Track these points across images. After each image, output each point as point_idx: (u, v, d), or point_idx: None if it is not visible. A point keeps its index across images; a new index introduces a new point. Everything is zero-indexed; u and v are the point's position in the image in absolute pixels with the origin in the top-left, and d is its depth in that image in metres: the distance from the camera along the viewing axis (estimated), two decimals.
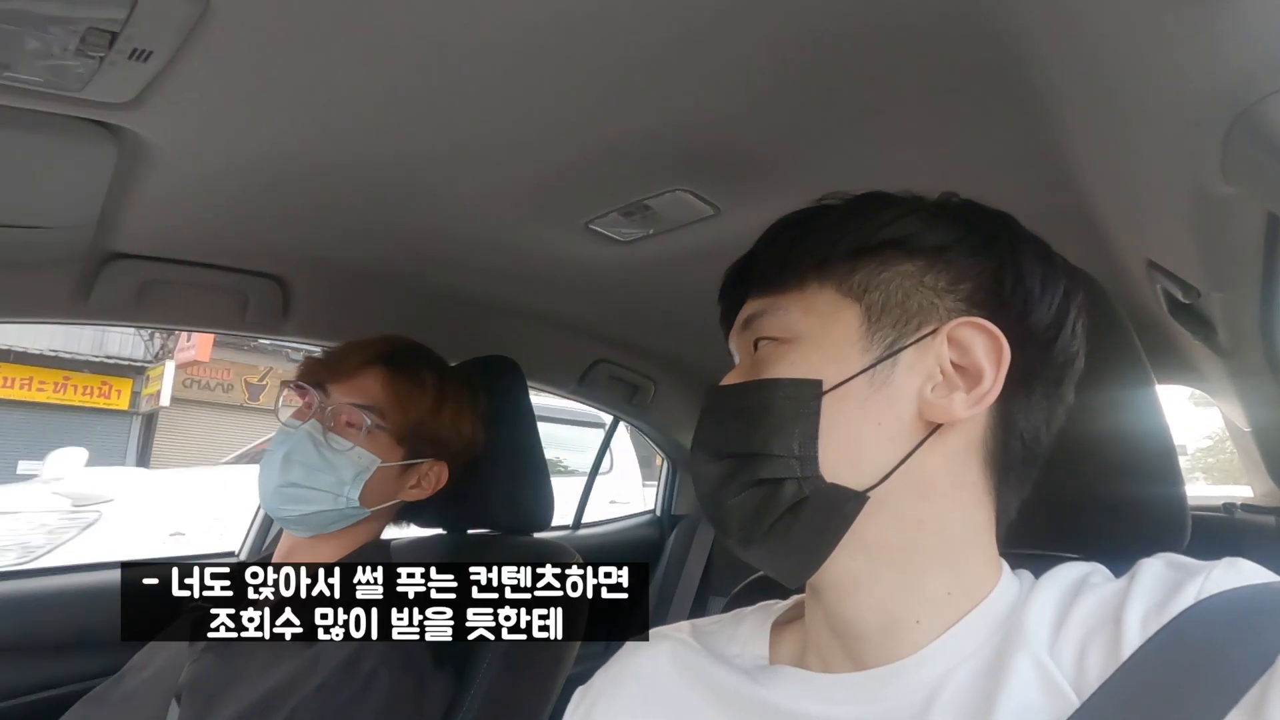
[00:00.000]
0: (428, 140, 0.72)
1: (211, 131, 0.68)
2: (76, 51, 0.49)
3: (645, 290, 1.18)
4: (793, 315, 0.44)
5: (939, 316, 0.43)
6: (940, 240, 0.44)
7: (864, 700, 0.40)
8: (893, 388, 0.41)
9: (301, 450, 0.77)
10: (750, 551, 0.44)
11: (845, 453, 0.41)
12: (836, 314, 0.43)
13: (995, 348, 0.41)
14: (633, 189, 0.84)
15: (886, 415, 0.41)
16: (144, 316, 1.02)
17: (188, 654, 0.76)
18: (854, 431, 0.41)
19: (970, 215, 0.46)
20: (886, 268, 0.43)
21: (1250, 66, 0.42)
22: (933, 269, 0.43)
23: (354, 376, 0.82)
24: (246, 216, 0.89)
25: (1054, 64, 0.56)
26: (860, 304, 0.43)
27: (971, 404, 0.41)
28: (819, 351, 0.42)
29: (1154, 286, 0.82)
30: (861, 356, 0.42)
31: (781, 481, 0.41)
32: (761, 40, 0.57)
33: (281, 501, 0.77)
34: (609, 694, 0.49)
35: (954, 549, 0.42)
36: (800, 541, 0.41)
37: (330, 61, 0.58)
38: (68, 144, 0.64)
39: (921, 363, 0.42)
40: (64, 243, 0.85)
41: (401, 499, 0.85)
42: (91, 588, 1.13)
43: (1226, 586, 0.36)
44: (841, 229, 0.45)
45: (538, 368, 1.39)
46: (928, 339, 0.42)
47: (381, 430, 0.81)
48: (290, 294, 1.07)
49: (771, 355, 0.44)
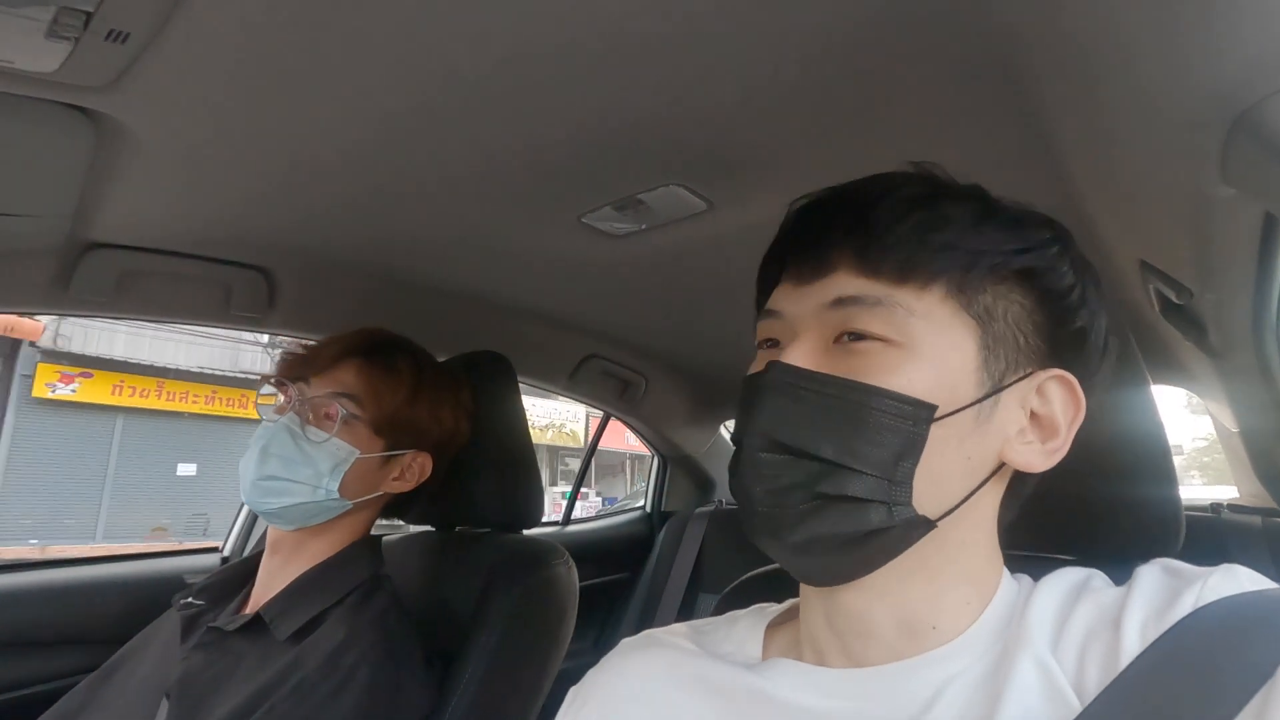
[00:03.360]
0: (417, 131, 0.71)
1: (193, 118, 0.66)
2: (49, 32, 0.48)
3: (638, 285, 1.17)
4: (912, 318, 0.39)
5: (1036, 361, 0.42)
6: (1058, 284, 0.42)
7: (865, 696, 0.40)
8: (991, 425, 0.40)
9: (279, 443, 0.76)
10: (796, 558, 0.41)
11: (935, 483, 0.39)
12: (953, 331, 0.40)
13: (1074, 405, 0.42)
14: (626, 183, 0.83)
15: (976, 451, 0.40)
16: (125, 307, 1.00)
17: (179, 652, 0.75)
18: (947, 463, 0.39)
19: (1078, 261, 0.43)
20: (1010, 297, 0.41)
21: (1249, 68, 0.41)
22: (1042, 309, 0.42)
23: (330, 369, 0.81)
24: (229, 206, 0.87)
25: (1050, 64, 0.55)
26: (981, 329, 0.40)
27: (1047, 456, 0.41)
28: (935, 372, 0.39)
29: (1146, 287, 0.82)
30: (974, 389, 0.40)
31: (869, 504, 0.38)
32: (756, 36, 0.56)
33: (261, 494, 0.76)
34: (601, 693, 0.49)
35: (979, 564, 0.43)
36: (855, 559, 0.40)
37: (316, 47, 0.56)
38: (43, 128, 0.63)
39: (1014, 404, 0.41)
40: (41, 232, 0.83)
41: (385, 491, 0.84)
42: (87, 582, 1.11)
43: (1224, 594, 0.36)
44: (980, 239, 0.41)
45: (529, 363, 1.38)
46: (1025, 381, 0.41)
47: (358, 420, 0.80)
48: (275, 286, 1.05)
49: (876, 357, 0.39)
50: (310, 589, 0.77)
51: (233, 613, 0.79)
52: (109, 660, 0.82)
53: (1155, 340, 1.00)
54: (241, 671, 0.71)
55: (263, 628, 0.74)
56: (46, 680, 1.01)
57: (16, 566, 1.10)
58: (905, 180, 0.44)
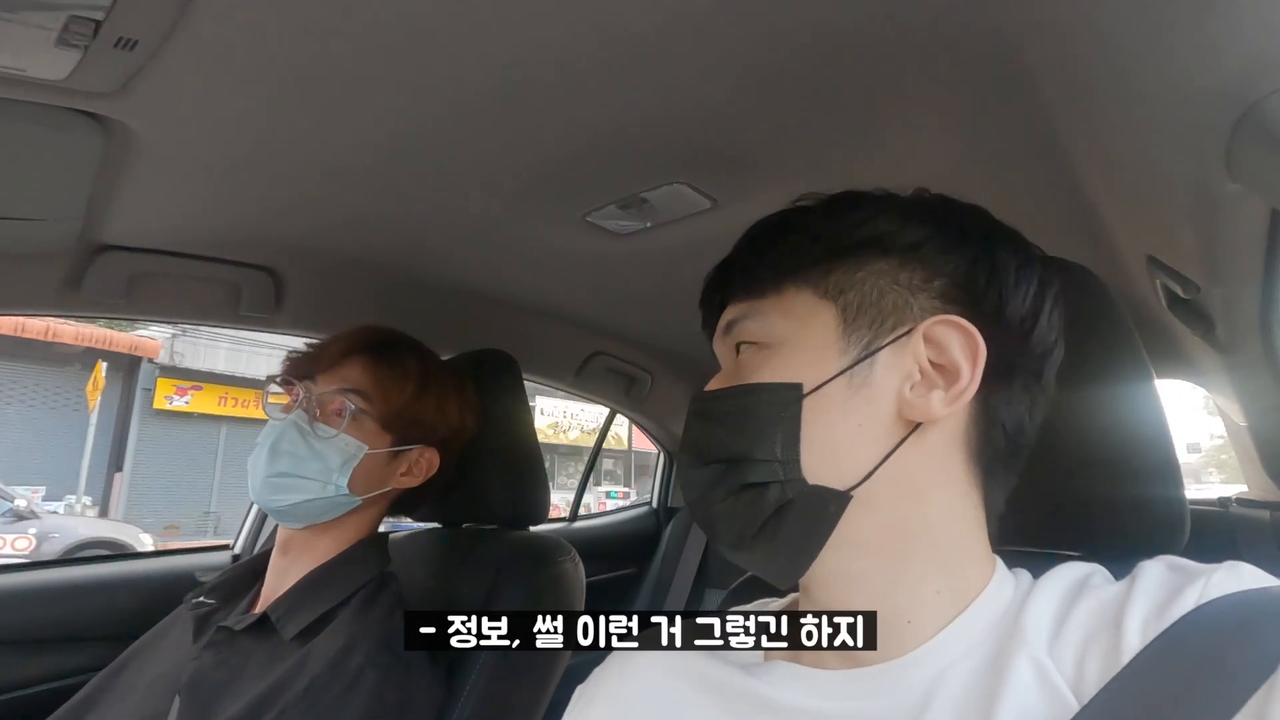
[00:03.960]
0: (423, 132, 0.71)
1: (200, 122, 0.66)
2: (59, 40, 0.48)
3: (642, 283, 1.18)
4: (772, 319, 0.44)
5: (914, 315, 0.43)
6: (913, 238, 0.44)
7: (860, 696, 0.40)
8: (871, 388, 0.42)
9: (288, 440, 0.77)
10: (740, 555, 0.45)
11: (826, 454, 0.41)
12: (814, 316, 0.43)
13: (971, 345, 0.41)
14: (630, 182, 0.83)
15: (866, 415, 0.41)
16: (136, 309, 1.01)
17: (190, 651, 0.76)
18: (835, 433, 0.41)
19: (943, 211, 0.46)
20: (861, 268, 0.44)
21: (1254, 65, 0.41)
22: (906, 267, 0.43)
23: (337, 366, 0.82)
24: (237, 208, 0.88)
25: (1056, 61, 0.55)
26: (836, 305, 0.43)
27: (949, 401, 0.41)
28: (798, 355, 0.43)
29: (1153, 282, 0.81)
30: (839, 358, 0.42)
31: (766, 485, 0.41)
32: (761, 33, 0.56)
33: (271, 492, 0.77)
34: (606, 693, 0.50)
35: (942, 546, 0.42)
36: (787, 544, 0.42)
37: (322, 51, 0.57)
38: (53, 134, 0.63)
39: (899, 362, 0.42)
40: (52, 235, 0.84)
41: (393, 487, 0.84)
42: (101, 579, 1.13)
43: (1227, 591, 0.36)
44: (817, 231, 0.45)
45: (535, 360, 1.38)
46: (904, 338, 0.42)
47: (366, 416, 0.80)
48: (283, 286, 1.06)
49: (753, 360, 0.44)
50: (317, 588, 0.78)
51: (242, 611, 0.80)
52: (120, 656, 0.83)
53: (1163, 335, 1.00)
54: (251, 670, 0.72)
55: (271, 626, 0.75)
56: (63, 676, 1.02)
57: (32, 565, 1.11)
58: (771, 216, 0.49)
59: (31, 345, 7.26)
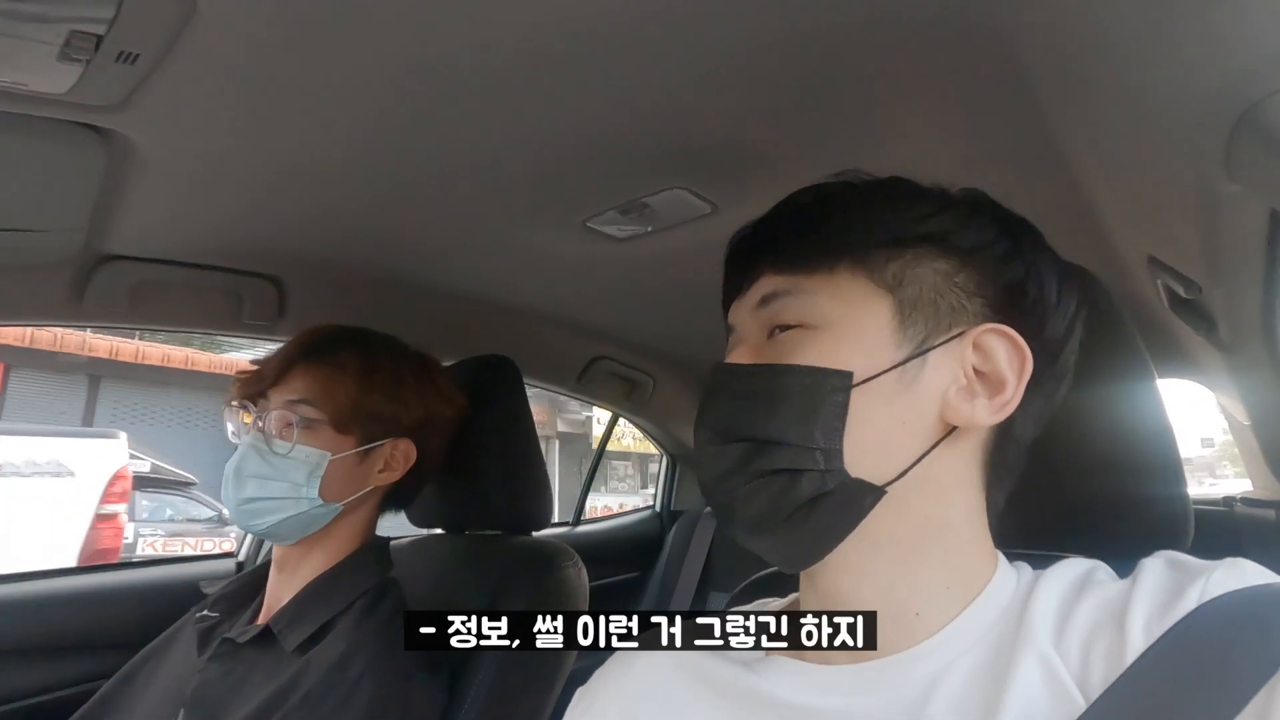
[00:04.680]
0: (422, 141, 0.71)
1: (202, 134, 0.67)
2: (61, 55, 0.49)
3: (644, 287, 1.18)
4: (819, 300, 0.42)
5: (967, 319, 0.42)
6: (974, 241, 0.43)
7: (863, 692, 0.40)
8: (919, 386, 0.41)
9: (250, 463, 0.76)
10: (756, 539, 0.43)
11: (869, 447, 0.40)
12: (867, 304, 0.42)
13: (1019, 357, 0.42)
14: (631, 187, 0.83)
15: (910, 413, 0.41)
16: (139, 318, 1.01)
17: (196, 663, 0.76)
18: (879, 427, 0.40)
19: (1000, 218, 0.45)
20: (921, 263, 0.43)
21: (1255, 64, 0.41)
22: (964, 269, 0.43)
23: (282, 380, 0.80)
24: (240, 217, 0.88)
25: (1056, 61, 0.55)
26: (894, 297, 0.42)
27: (994, 411, 0.41)
28: (849, 342, 0.41)
29: (1154, 282, 0.81)
30: (893, 351, 0.41)
31: (801, 473, 0.40)
32: (760, 37, 0.57)
33: (248, 518, 0.76)
34: (607, 694, 0.50)
35: (954, 543, 0.42)
36: (811, 532, 0.41)
37: (322, 62, 0.57)
38: (56, 147, 0.64)
39: (947, 364, 0.42)
40: (56, 245, 0.85)
41: (374, 485, 0.83)
42: (108, 588, 1.13)
43: (1229, 588, 0.36)
44: (877, 215, 0.44)
45: (537, 365, 1.39)
46: (955, 341, 0.42)
47: (318, 422, 0.78)
48: (286, 294, 1.06)
49: (796, 341, 0.42)
50: (317, 597, 0.77)
51: (246, 623, 0.80)
52: (127, 665, 0.83)
53: (1165, 335, 1.00)
54: (254, 681, 0.72)
55: (273, 638, 0.75)
56: (69, 685, 1.02)
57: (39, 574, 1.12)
58: (817, 187, 0.47)
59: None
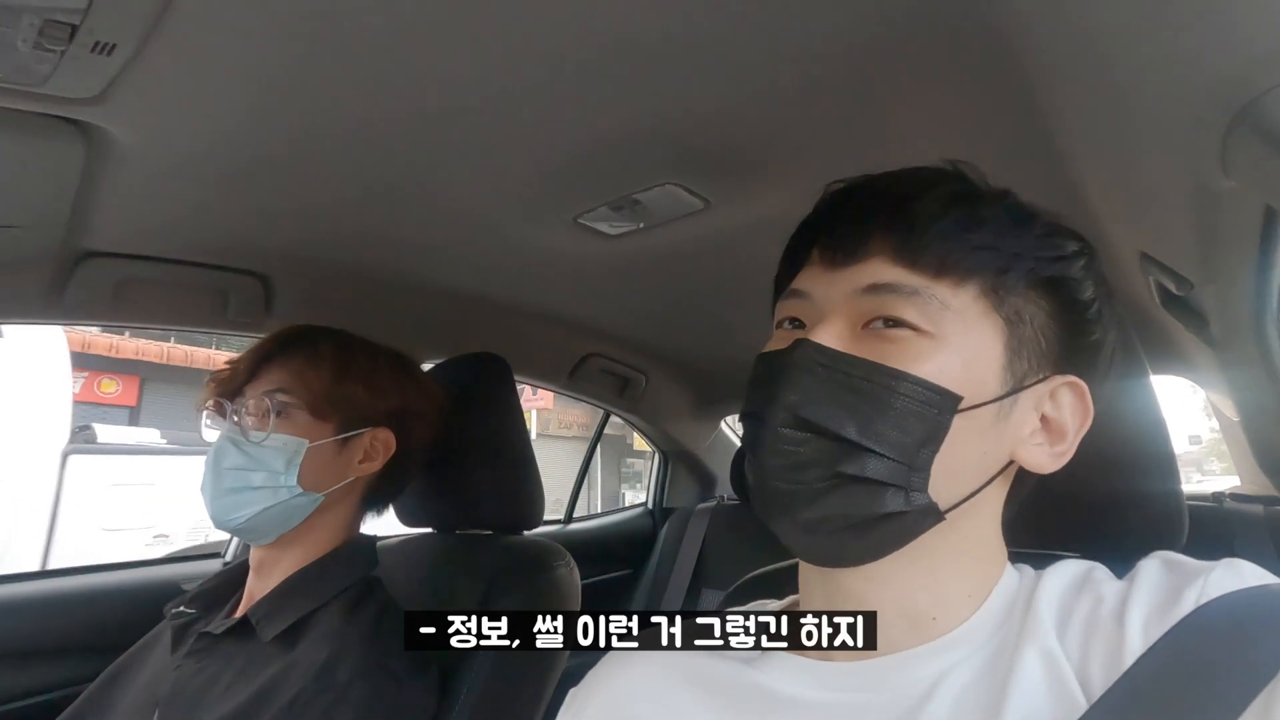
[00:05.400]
0: (410, 135, 0.70)
1: (182, 126, 0.65)
2: (35, 45, 0.47)
3: (636, 283, 1.17)
4: (943, 311, 0.40)
5: (1051, 366, 0.43)
6: (1086, 296, 0.43)
7: (864, 688, 0.40)
8: (1007, 423, 0.41)
9: (227, 456, 0.76)
10: (801, 535, 0.41)
11: (950, 473, 0.39)
12: (984, 330, 0.41)
13: (1083, 412, 0.43)
14: (622, 183, 0.82)
15: (992, 447, 0.41)
16: (121, 315, 0.99)
17: (171, 662, 0.75)
18: (965, 455, 0.40)
19: (1100, 275, 0.45)
20: (1037, 303, 0.42)
21: (1250, 62, 0.41)
22: (1066, 317, 0.43)
23: (258, 375, 0.80)
24: (224, 212, 0.86)
25: (1051, 59, 0.55)
26: (1008, 330, 0.41)
27: (1054, 459, 0.42)
28: (963, 365, 0.40)
29: (1146, 278, 0.81)
30: (996, 385, 0.40)
31: (887, 487, 0.38)
32: (753, 35, 0.56)
33: (226, 511, 0.75)
34: (600, 694, 0.49)
35: (981, 556, 0.43)
36: (864, 543, 0.40)
37: (305, 53, 0.56)
38: (33, 141, 0.62)
39: (1031, 405, 0.42)
40: (34, 242, 0.83)
41: (355, 476, 0.82)
42: (90, 590, 1.11)
43: (1227, 589, 0.36)
44: (1024, 242, 0.42)
45: (528, 363, 1.38)
46: (1041, 384, 0.42)
47: (293, 408, 0.78)
48: (272, 291, 1.04)
49: (910, 345, 0.39)
50: (297, 590, 0.76)
51: (224, 618, 0.79)
52: (110, 668, 0.82)
53: (1156, 331, 1.00)
54: (229, 674, 0.71)
55: (251, 630, 0.73)
56: (51, 689, 1.01)
57: (19, 577, 1.10)
58: (942, 176, 0.44)
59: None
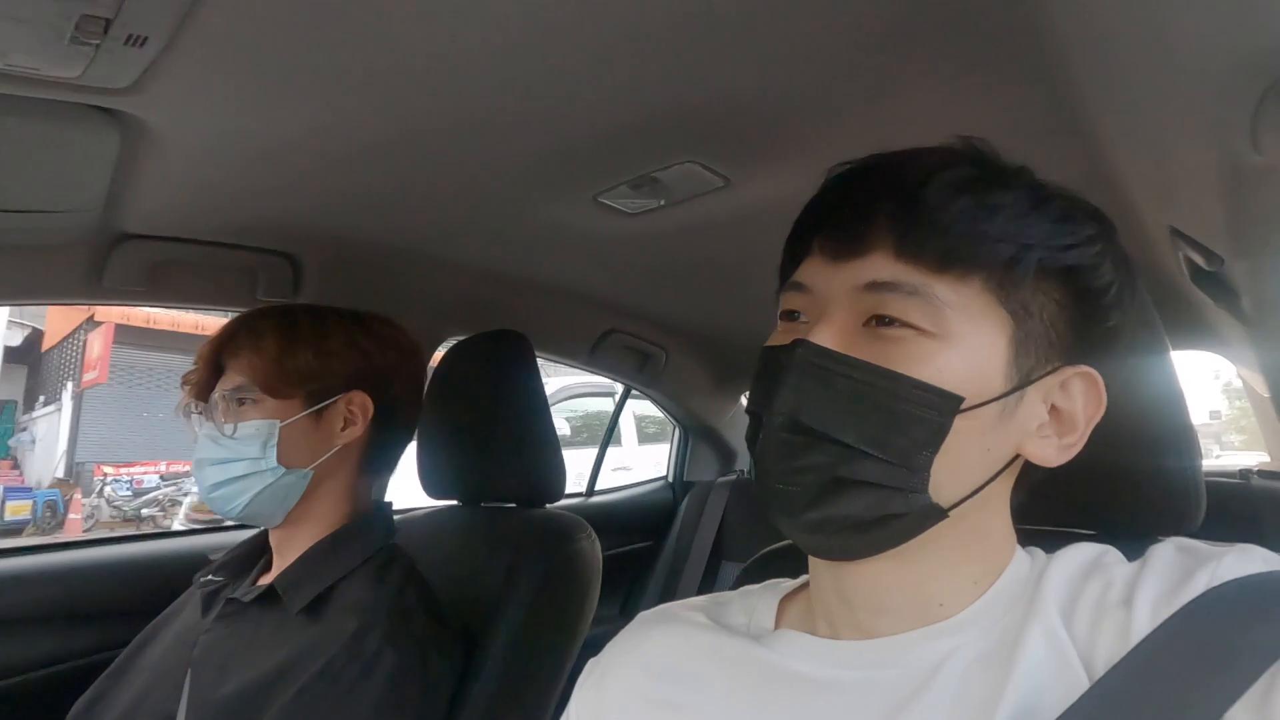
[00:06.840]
0: (434, 115, 0.71)
1: (213, 113, 0.67)
2: (72, 39, 0.49)
3: (656, 261, 1.17)
4: (945, 309, 0.38)
5: (1063, 356, 0.41)
6: (1102, 283, 0.40)
7: (872, 665, 0.41)
8: (1013, 419, 0.40)
9: (207, 451, 0.78)
10: (804, 535, 0.41)
11: (951, 472, 0.39)
12: (989, 326, 0.39)
13: (1096, 403, 0.41)
14: (642, 161, 0.82)
15: (996, 443, 0.40)
16: (156, 296, 1.02)
17: (201, 625, 0.79)
18: (967, 453, 0.39)
19: (1120, 256, 0.42)
20: (1049, 294, 0.40)
21: None
22: (1079, 305, 0.40)
23: (224, 370, 0.82)
24: (253, 195, 0.88)
25: (1078, 30, 0.53)
26: (1014, 324, 0.39)
27: (1063, 451, 0.41)
28: (963, 362, 0.38)
29: (1176, 254, 0.80)
30: (1000, 382, 0.39)
31: (885, 490, 0.38)
32: (774, 10, 0.55)
33: (224, 502, 0.78)
34: (617, 666, 0.51)
35: (989, 544, 0.43)
36: (864, 540, 0.40)
37: (332, 39, 0.56)
38: (70, 130, 0.64)
39: (1039, 398, 0.41)
40: (73, 226, 0.86)
41: (341, 444, 0.82)
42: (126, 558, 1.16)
43: (1238, 574, 0.36)
44: (1034, 231, 0.39)
45: (550, 339, 1.39)
46: (1050, 376, 0.40)
47: (254, 397, 0.79)
48: (300, 270, 1.07)
49: (909, 346, 0.38)
50: (321, 560, 0.78)
51: (251, 584, 0.81)
52: (140, 633, 0.85)
53: (1185, 306, 0.98)
54: (259, 640, 0.73)
55: (278, 599, 0.76)
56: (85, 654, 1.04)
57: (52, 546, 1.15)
58: (952, 158, 0.41)
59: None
